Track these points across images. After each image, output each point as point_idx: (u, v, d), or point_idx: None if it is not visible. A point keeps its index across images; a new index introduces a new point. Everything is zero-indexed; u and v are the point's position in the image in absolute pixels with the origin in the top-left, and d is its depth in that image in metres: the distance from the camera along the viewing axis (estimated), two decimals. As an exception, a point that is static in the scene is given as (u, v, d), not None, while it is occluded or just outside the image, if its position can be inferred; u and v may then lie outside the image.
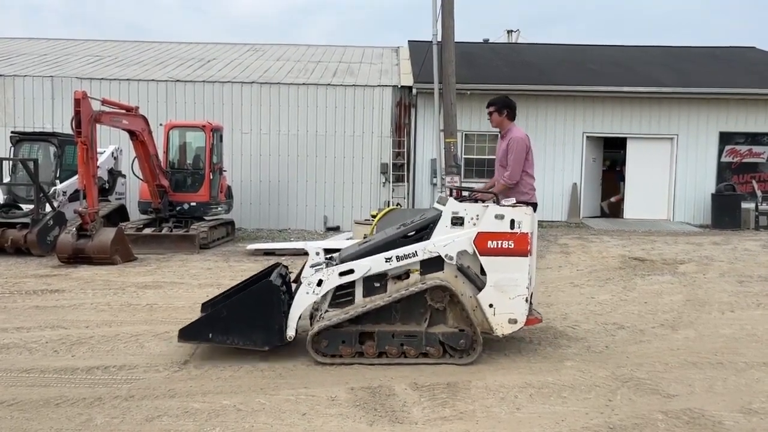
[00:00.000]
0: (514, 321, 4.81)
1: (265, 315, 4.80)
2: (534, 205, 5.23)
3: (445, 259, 4.78)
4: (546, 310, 6.46)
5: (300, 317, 4.94)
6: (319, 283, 4.85)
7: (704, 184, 16.04)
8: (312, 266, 4.92)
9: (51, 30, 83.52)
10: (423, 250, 4.80)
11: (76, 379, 4.48)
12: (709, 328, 6.03)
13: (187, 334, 4.89)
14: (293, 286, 5.22)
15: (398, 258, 4.81)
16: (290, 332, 4.84)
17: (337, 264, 4.91)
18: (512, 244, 4.74)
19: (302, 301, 4.90)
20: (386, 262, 4.81)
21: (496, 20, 79.50)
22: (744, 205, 15.25)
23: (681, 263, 9.52)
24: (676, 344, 5.48)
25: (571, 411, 3.96)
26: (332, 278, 4.85)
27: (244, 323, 4.81)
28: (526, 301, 4.82)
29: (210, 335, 4.84)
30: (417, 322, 4.88)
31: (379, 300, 4.80)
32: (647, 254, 10.29)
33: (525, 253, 4.77)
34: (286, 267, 5.30)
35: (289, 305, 4.90)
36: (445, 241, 4.80)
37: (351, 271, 4.83)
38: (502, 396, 4.18)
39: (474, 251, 4.77)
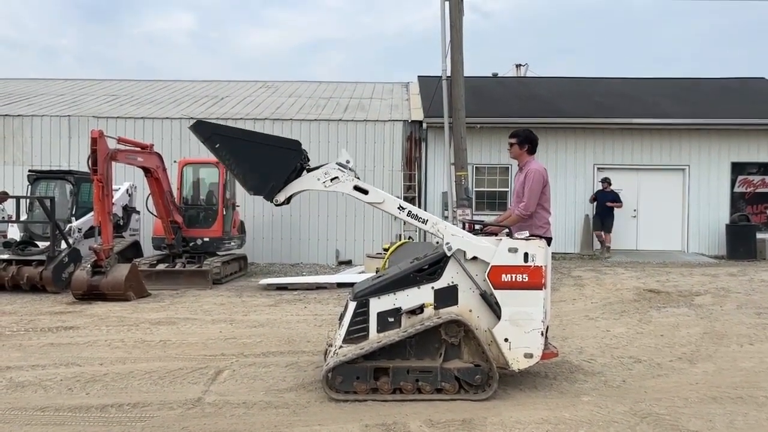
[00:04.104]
0: (530, 355, 4.77)
1: (273, 167, 4.89)
2: (548, 240, 5.22)
3: (445, 247, 4.80)
4: (561, 344, 6.40)
5: (292, 196, 5.01)
6: (333, 179, 4.93)
7: (718, 215, 15.95)
8: (337, 164, 4.99)
9: (67, 71, 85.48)
10: (434, 225, 4.88)
11: (90, 417, 4.47)
12: (727, 362, 5.93)
13: (200, 127, 5.00)
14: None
15: (410, 214, 4.93)
16: (280, 198, 4.96)
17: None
18: (526, 278, 4.73)
19: (308, 182, 5.00)
20: (399, 210, 4.96)
21: (504, 54, 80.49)
22: (759, 235, 15.15)
23: (697, 295, 9.41)
24: (695, 378, 5.40)
25: (590, 448, 3.89)
26: (346, 184, 4.94)
27: (251, 159, 4.90)
28: (542, 334, 4.79)
29: (217, 145, 4.92)
30: (432, 358, 4.84)
31: (393, 335, 4.77)
32: (662, 286, 10.19)
33: (539, 287, 4.75)
34: (309, 159, 5.24)
35: (295, 178, 4.99)
36: (454, 231, 4.85)
37: (366, 192, 4.94)
38: (518, 432, 4.13)
39: (475, 262, 4.79)
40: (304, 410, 4.58)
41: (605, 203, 15.34)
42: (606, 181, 15.46)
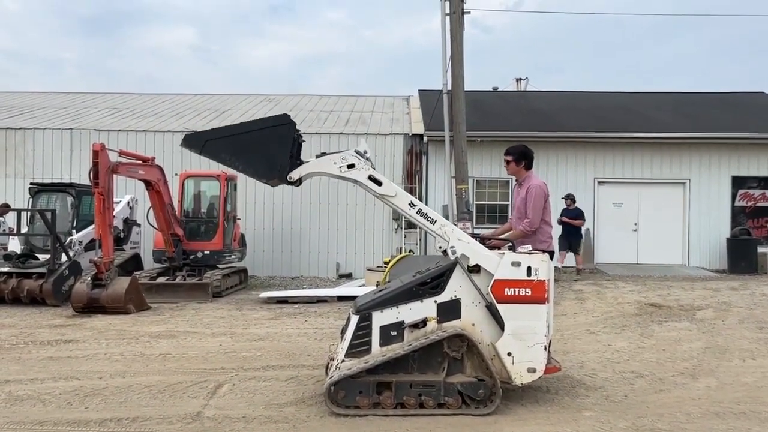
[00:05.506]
0: (533, 370, 4.74)
1: (271, 147, 4.90)
2: (551, 253, 5.23)
3: (449, 251, 4.81)
4: (562, 358, 6.36)
5: (305, 174, 5.02)
6: (350, 166, 4.94)
7: (718, 229, 15.95)
8: (356, 151, 5.00)
9: (69, 84, 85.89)
10: (441, 227, 4.89)
11: (89, 431, 4.44)
12: (730, 377, 5.90)
13: (191, 140, 4.99)
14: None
15: (420, 212, 4.94)
16: (294, 176, 4.97)
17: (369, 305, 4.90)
18: (529, 292, 4.72)
19: (324, 165, 5.00)
20: (410, 206, 4.95)
21: (504, 69, 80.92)
22: (760, 249, 15.14)
23: (699, 309, 9.38)
24: (697, 393, 5.37)
25: (593, 464, 3.86)
26: (361, 172, 4.94)
27: (250, 150, 4.90)
28: (545, 349, 4.76)
29: (213, 150, 4.93)
30: (435, 372, 4.81)
31: (397, 348, 4.74)
32: (663, 300, 10.16)
33: (542, 301, 4.74)
34: (301, 136, 5.15)
35: (298, 154, 5.01)
36: (461, 236, 4.86)
37: (380, 183, 4.93)
38: (521, 448, 4.10)
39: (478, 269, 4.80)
40: (304, 425, 4.55)
41: (564, 220, 14.12)
42: (569, 198, 14.39)
